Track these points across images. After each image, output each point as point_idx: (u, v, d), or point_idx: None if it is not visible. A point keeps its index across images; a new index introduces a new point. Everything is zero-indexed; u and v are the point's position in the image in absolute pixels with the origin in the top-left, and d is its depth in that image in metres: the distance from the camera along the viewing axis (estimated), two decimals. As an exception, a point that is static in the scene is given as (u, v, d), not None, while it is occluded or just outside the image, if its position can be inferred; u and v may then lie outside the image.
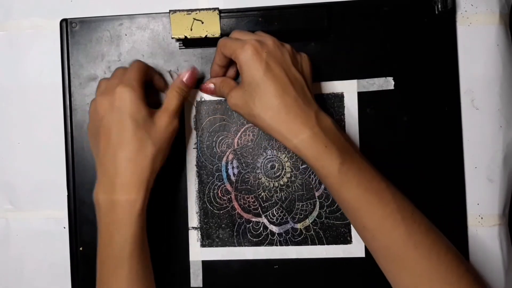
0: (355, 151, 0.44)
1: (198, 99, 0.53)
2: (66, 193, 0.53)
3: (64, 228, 0.54)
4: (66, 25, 0.53)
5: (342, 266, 0.53)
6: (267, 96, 0.43)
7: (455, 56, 0.52)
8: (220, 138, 0.53)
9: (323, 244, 0.53)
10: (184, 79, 0.50)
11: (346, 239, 0.52)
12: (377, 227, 0.42)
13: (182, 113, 0.52)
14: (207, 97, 0.53)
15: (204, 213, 0.53)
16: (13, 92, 0.55)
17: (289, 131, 0.43)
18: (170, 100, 0.48)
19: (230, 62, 0.50)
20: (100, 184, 0.46)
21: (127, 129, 0.44)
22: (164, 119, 0.47)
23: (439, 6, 0.52)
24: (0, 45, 0.55)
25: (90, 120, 0.48)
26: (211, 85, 0.51)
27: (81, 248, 0.53)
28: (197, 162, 0.53)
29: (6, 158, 0.56)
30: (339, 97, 0.53)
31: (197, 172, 0.53)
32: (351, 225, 0.52)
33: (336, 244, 0.52)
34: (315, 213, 0.53)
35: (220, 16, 0.50)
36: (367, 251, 0.51)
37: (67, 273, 0.54)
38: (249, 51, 0.44)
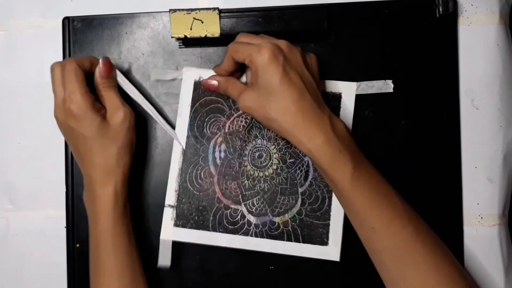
0: (365, 157, 0.46)
1: (196, 78, 0.53)
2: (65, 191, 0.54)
3: (64, 227, 0.54)
4: (68, 23, 0.53)
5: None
6: (285, 100, 0.44)
7: (456, 59, 0.52)
8: (212, 119, 0.53)
9: (299, 241, 0.51)
10: (101, 73, 0.49)
11: (323, 240, 0.51)
12: (386, 227, 0.43)
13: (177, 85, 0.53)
14: (206, 76, 0.52)
15: (183, 192, 0.52)
16: (13, 92, 0.55)
17: (304, 135, 0.44)
18: (106, 99, 0.49)
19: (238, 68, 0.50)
20: (84, 185, 0.50)
21: (88, 143, 0.47)
22: (115, 116, 0.48)
23: (440, 9, 0.51)
24: (0, 45, 0.56)
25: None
26: (214, 82, 0.51)
27: (78, 245, 0.53)
28: (185, 140, 0.53)
29: (6, 158, 0.56)
30: (337, 97, 0.52)
31: (183, 149, 0.53)
32: (330, 226, 0.51)
33: (312, 243, 0.51)
34: (295, 209, 0.52)
35: (220, 16, 0.50)
36: (342, 255, 0.51)
37: (66, 271, 0.53)
38: (266, 55, 0.44)
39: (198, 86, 0.53)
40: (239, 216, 0.52)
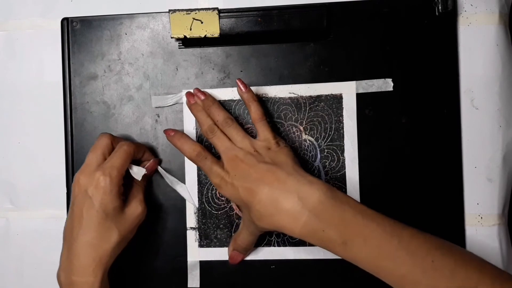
0: (355, 214, 0.42)
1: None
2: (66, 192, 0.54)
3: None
4: (67, 24, 0.54)
5: (339, 267, 0.52)
6: (251, 210, 0.45)
7: (455, 57, 0.52)
8: None
9: None
10: (147, 171, 0.49)
11: None
12: (399, 286, 0.41)
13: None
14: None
15: (202, 214, 0.53)
16: (13, 92, 0.55)
17: (285, 228, 0.43)
18: (134, 189, 0.49)
19: None
20: (62, 264, 0.46)
21: (94, 218, 0.45)
22: (134, 208, 0.47)
23: (440, 7, 0.51)
24: (0, 45, 0.56)
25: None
26: (236, 252, 0.52)
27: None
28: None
29: (7, 158, 0.56)
30: (338, 99, 0.52)
31: (196, 172, 0.53)
32: None
33: None
34: None
35: (219, 16, 0.50)
36: None
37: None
38: (216, 182, 0.47)
39: None
40: None
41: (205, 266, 0.53)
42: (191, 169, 0.53)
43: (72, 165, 0.53)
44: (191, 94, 0.50)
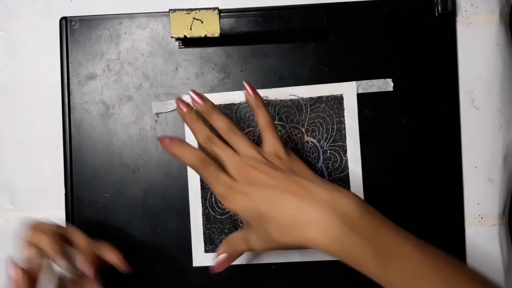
0: (392, 231, 0.38)
1: None
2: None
3: (63, 228, 0.54)
4: (65, 23, 0.53)
5: (346, 269, 0.51)
6: (269, 223, 0.39)
7: (455, 58, 0.52)
8: None
9: None
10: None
11: None
12: None
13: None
14: None
15: (206, 219, 0.53)
16: (12, 92, 0.55)
17: (314, 242, 0.38)
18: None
19: None
20: None
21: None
22: None
23: (439, 8, 0.52)
24: (0, 45, 0.55)
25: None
26: (224, 255, 0.44)
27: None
28: None
29: (6, 158, 0.55)
30: (339, 99, 0.52)
31: (199, 177, 0.53)
32: None
33: None
34: None
35: (219, 16, 0.50)
36: None
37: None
38: (220, 192, 0.41)
39: None
40: None
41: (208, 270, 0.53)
42: (194, 173, 0.53)
43: (71, 166, 0.53)
44: (183, 101, 0.45)
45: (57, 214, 0.54)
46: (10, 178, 0.55)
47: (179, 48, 0.53)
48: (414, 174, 0.52)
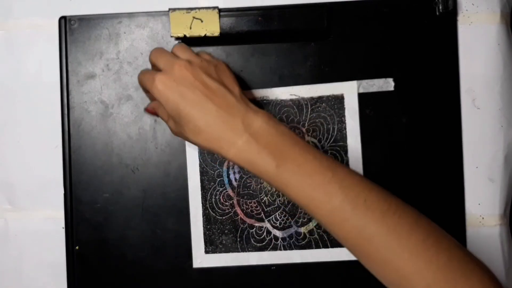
0: (293, 144, 0.42)
1: None
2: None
3: (63, 228, 0.54)
4: (65, 22, 0.53)
5: (347, 269, 0.52)
6: (192, 122, 0.43)
7: (456, 57, 0.52)
8: None
9: (327, 247, 0.52)
10: None
11: None
12: (327, 222, 0.41)
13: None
14: None
15: (206, 219, 0.53)
16: (11, 91, 0.55)
17: (221, 147, 0.43)
18: None
19: None
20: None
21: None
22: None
23: (440, 7, 0.52)
24: (0, 45, 0.55)
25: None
26: (150, 109, 0.50)
27: (77, 247, 0.53)
28: (198, 168, 0.53)
29: (5, 158, 0.55)
30: (339, 99, 0.52)
31: (199, 177, 0.53)
32: None
33: (340, 247, 0.52)
34: None
35: (219, 15, 0.50)
36: None
37: (65, 273, 0.53)
38: (159, 87, 0.43)
39: None
40: (265, 233, 0.53)
41: (211, 272, 0.53)
42: (193, 173, 0.53)
43: (70, 165, 0.53)
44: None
45: (56, 214, 0.54)
46: (9, 178, 0.55)
47: (178, 47, 0.53)
48: (415, 174, 0.52)
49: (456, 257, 0.39)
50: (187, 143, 0.53)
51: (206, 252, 0.53)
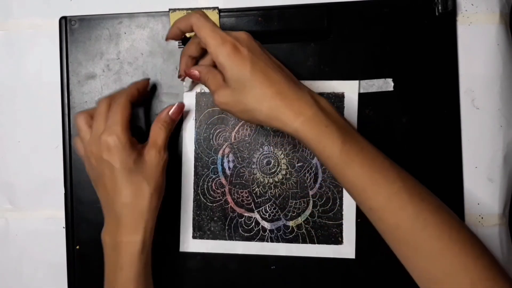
0: (354, 130, 0.44)
1: (198, 90, 0.53)
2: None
3: (63, 228, 0.54)
4: (65, 23, 0.53)
5: (331, 267, 0.52)
6: (260, 88, 0.43)
7: (455, 58, 0.52)
8: (218, 131, 0.53)
9: (314, 243, 0.52)
10: (170, 113, 0.49)
11: (337, 240, 0.52)
12: (383, 208, 0.41)
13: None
14: (207, 89, 0.52)
15: (197, 205, 0.53)
16: (12, 91, 0.55)
17: (287, 116, 0.42)
18: (157, 134, 0.48)
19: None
20: (106, 226, 0.47)
21: (119, 178, 0.45)
22: (153, 155, 0.47)
23: (439, 7, 0.52)
24: (0, 45, 0.55)
25: (85, 163, 0.48)
26: (196, 72, 0.48)
27: (77, 247, 0.53)
28: (193, 154, 0.53)
29: (5, 158, 0.55)
30: (339, 97, 0.52)
31: (193, 163, 0.53)
32: (343, 225, 0.52)
33: (327, 244, 0.52)
34: (308, 212, 0.52)
35: (219, 16, 0.50)
36: (357, 252, 0.52)
37: (66, 272, 0.53)
38: (229, 49, 0.43)
39: (201, 99, 0.53)
40: (253, 223, 0.53)
41: (197, 257, 0.53)
42: (187, 160, 0.53)
43: (70, 165, 0.53)
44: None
45: (57, 214, 0.54)
46: (9, 178, 0.55)
47: (179, 47, 0.53)
48: (414, 174, 0.51)
49: (495, 258, 0.41)
50: (183, 129, 0.53)
51: (194, 237, 0.53)
